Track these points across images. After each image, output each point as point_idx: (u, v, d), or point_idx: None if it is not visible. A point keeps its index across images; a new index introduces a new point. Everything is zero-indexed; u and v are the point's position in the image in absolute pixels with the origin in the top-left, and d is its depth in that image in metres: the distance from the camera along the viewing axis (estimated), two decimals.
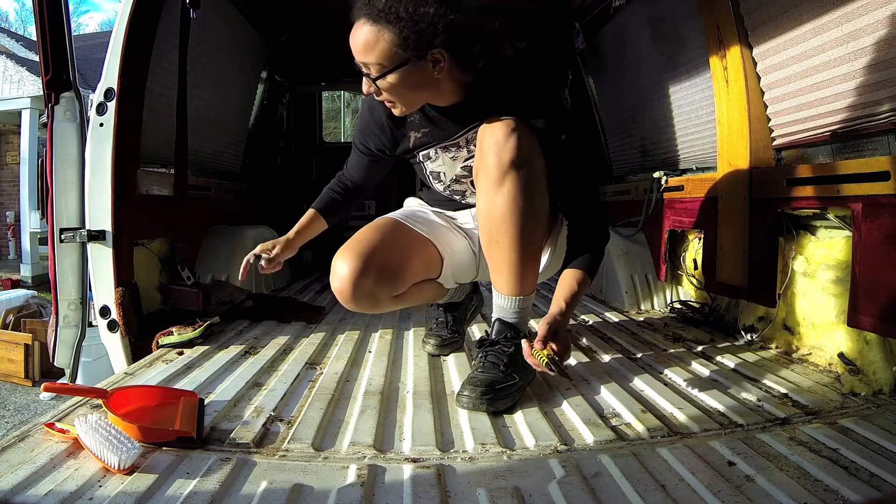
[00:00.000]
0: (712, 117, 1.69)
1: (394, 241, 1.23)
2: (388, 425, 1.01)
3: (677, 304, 1.86)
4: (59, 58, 1.46)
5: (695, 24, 1.69)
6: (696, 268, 1.86)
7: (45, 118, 1.80)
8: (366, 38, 0.99)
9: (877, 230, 1.13)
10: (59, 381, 1.75)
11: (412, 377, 1.26)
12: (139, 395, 1.05)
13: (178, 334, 1.45)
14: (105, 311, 1.49)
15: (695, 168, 1.95)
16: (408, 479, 0.81)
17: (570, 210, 1.19)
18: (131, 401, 1.02)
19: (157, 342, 1.45)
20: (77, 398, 1.06)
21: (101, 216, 1.48)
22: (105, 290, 1.49)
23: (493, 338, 1.14)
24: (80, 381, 1.89)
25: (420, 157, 1.25)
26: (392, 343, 1.53)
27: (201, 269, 1.97)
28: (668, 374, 1.25)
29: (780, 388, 1.14)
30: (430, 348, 1.42)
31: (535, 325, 1.23)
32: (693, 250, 1.89)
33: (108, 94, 1.47)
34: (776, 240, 1.45)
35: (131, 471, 0.80)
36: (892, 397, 1.08)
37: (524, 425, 0.99)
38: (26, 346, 3.44)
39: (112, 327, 1.49)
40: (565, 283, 1.12)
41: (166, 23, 1.64)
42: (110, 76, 1.47)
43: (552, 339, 1.02)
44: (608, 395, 1.12)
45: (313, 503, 0.76)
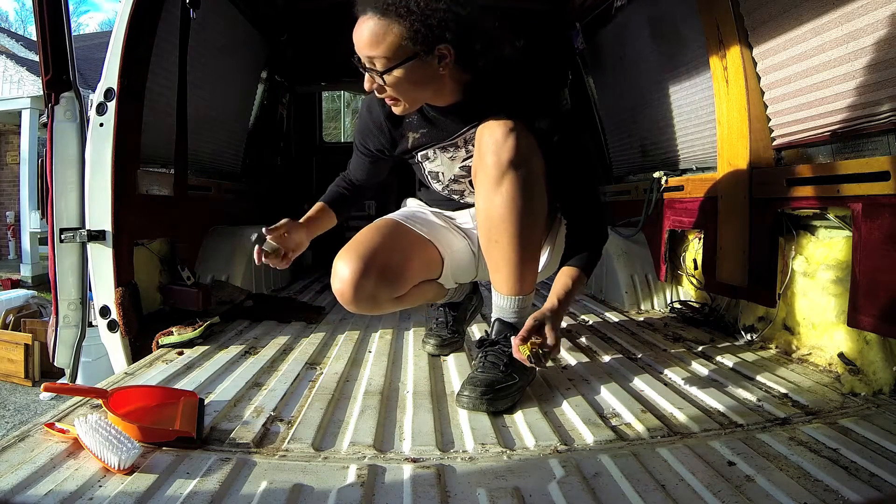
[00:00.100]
0: (712, 117, 1.69)
1: (394, 242, 1.23)
2: (388, 425, 1.01)
3: (677, 304, 1.86)
4: (59, 58, 1.46)
5: (695, 24, 1.69)
6: (696, 268, 1.86)
7: (45, 118, 1.80)
8: (374, 32, 0.98)
9: (877, 230, 1.13)
10: (59, 381, 1.75)
11: (412, 377, 1.26)
12: (139, 395, 1.05)
13: (178, 334, 1.45)
14: (105, 311, 1.49)
15: (695, 168, 1.95)
16: (408, 479, 0.81)
17: (568, 209, 1.19)
18: (131, 401, 1.02)
19: (157, 342, 1.45)
20: (77, 398, 1.06)
21: (101, 216, 1.49)
22: (105, 290, 1.49)
23: (493, 338, 1.14)
24: (80, 381, 1.89)
25: (419, 158, 1.24)
26: (392, 343, 1.53)
27: (201, 269, 1.97)
28: (668, 374, 1.25)
29: (780, 388, 1.14)
30: (430, 348, 1.42)
31: None
32: (693, 250, 1.89)
33: (108, 94, 1.47)
34: (776, 240, 1.45)
35: (131, 471, 0.80)
36: (892, 397, 1.08)
37: (524, 425, 0.99)
38: (26, 346, 3.44)
39: (112, 327, 1.49)
40: (560, 280, 1.13)
41: (166, 23, 1.64)
42: (110, 76, 1.47)
43: (537, 334, 1.03)
44: (608, 395, 1.12)
45: (313, 503, 0.76)
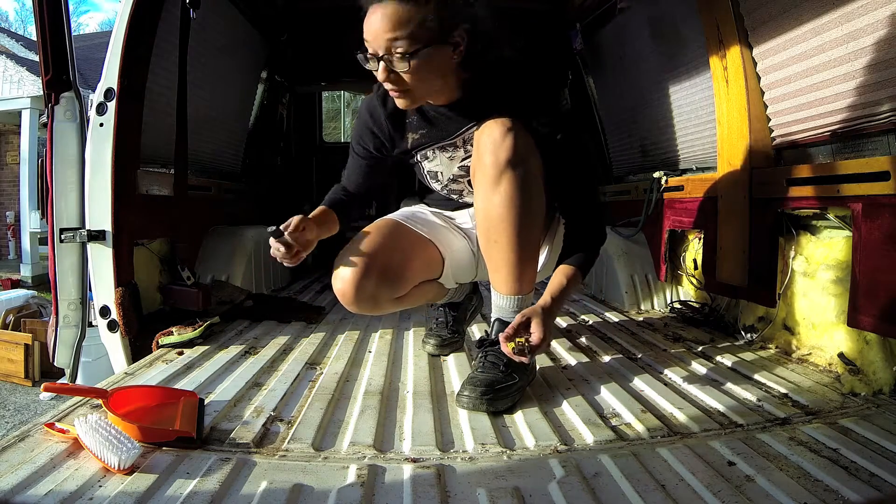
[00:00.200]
0: (712, 117, 1.69)
1: (395, 242, 1.23)
2: (388, 425, 1.01)
3: (677, 304, 1.86)
4: (59, 58, 1.46)
5: (695, 24, 1.69)
6: (696, 268, 1.86)
7: (45, 118, 1.80)
8: (399, 14, 0.97)
9: (877, 230, 1.13)
10: (59, 381, 1.75)
11: (412, 377, 1.26)
12: (139, 395, 1.05)
13: (178, 334, 1.45)
14: (105, 311, 1.49)
15: (695, 168, 1.95)
16: (408, 479, 0.81)
17: (566, 209, 1.19)
18: (131, 401, 1.02)
19: (157, 342, 1.45)
20: (77, 398, 1.06)
21: (101, 216, 1.48)
22: (105, 290, 1.49)
23: (493, 338, 1.13)
24: (80, 381, 1.89)
25: (418, 157, 1.25)
26: (392, 343, 1.53)
27: (201, 269, 1.97)
28: (668, 374, 1.25)
29: (780, 388, 1.14)
30: (430, 348, 1.42)
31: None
32: (693, 250, 1.89)
33: (108, 94, 1.47)
34: (776, 240, 1.45)
35: (131, 471, 0.80)
36: (892, 397, 1.08)
37: (524, 425, 0.99)
38: (26, 346, 3.44)
39: (112, 327, 1.49)
40: (556, 278, 1.13)
41: (166, 23, 1.64)
42: (110, 76, 1.47)
43: (525, 329, 1.04)
44: (608, 395, 1.12)
45: (313, 503, 0.76)
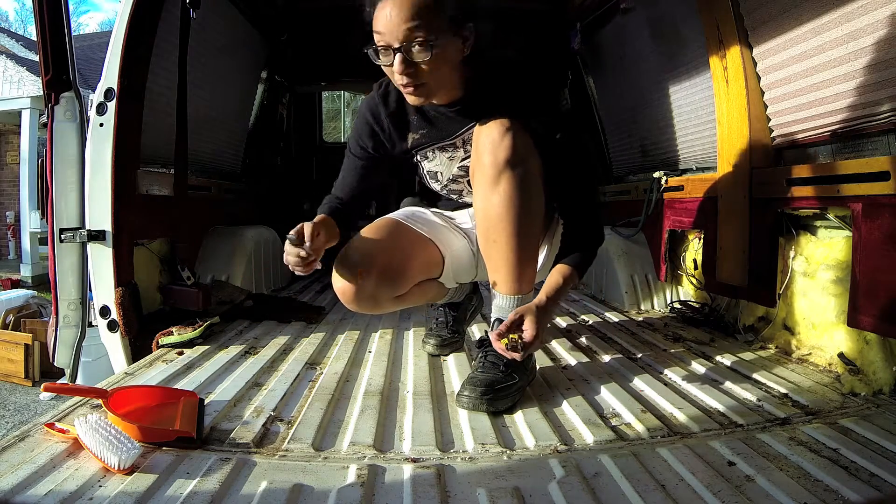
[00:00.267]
0: (712, 117, 1.69)
1: (395, 241, 1.23)
2: (388, 425, 1.01)
3: (677, 304, 1.86)
4: (59, 58, 1.46)
5: (695, 24, 1.69)
6: (696, 268, 1.86)
7: (45, 118, 1.80)
8: (417, 4, 0.97)
9: (877, 230, 1.13)
10: (59, 381, 1.75)
11: (412, 377, 1.26)
12: (139, 395, 1.05)
13: (178, 334, 1.45)
14: (105, 311, 1.49)
15: (695, 168, 1.95)
16: (408, 479, 0.81)
17: (565, 209, 1.20)
18: (131, 401, 1.02)
19: (157, 342, 1.45)
20: (77, 398, 1.06)
21: (101, 216, 1.48)
22: (105, 290, 1.49)
23: None
24: (80, 381, 1.89)
25: (418, 157, 1.25)
26: (392, 343, 1.53)
27: (201, 269, 1.97)
28: (668, 374, 1.25)
29: (780, 388, 1.14)
30: (430, 348, 1.42)
31: None
32: (693, 250, 1.89)
33: (108, 94, 1.47)
34: (776, 240, 1.45)
35: (131, 471, 0.80)
36: (892, 397, 1.08)
37: (524, 425, 0.99)
38: (26, 346, 3.44)
39: (112, 327, 1.49)
40: (551, 277, 1.13)
41: (166, 23, 1.64)
42: (110, 76, 1.47)
43: (518, 327, 1.04)
44: (608, 395, 1.12)
45: (313, 503, 0.76)
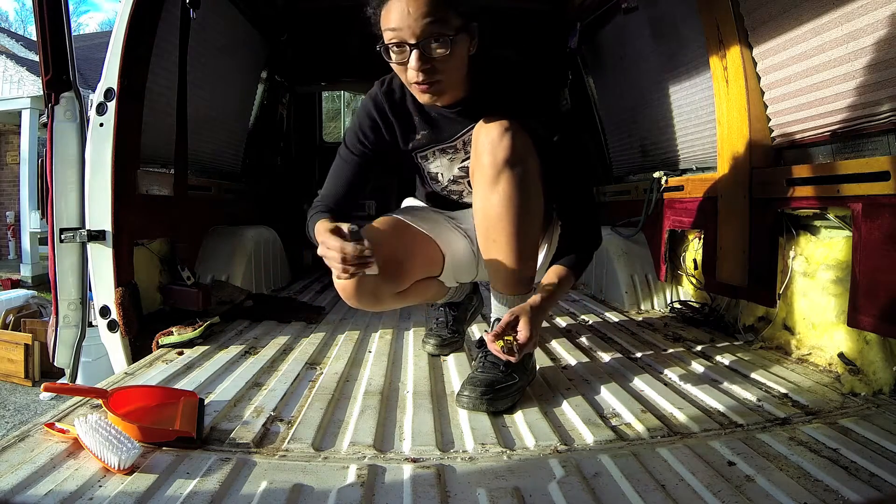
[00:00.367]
0: (712, 117, 1.69)
1: (396, 238, 1.23)
2: (388, 425, 1.01)
3: (677, 304, 1.86)
4: (59, 58, 1.46)
5: (695, 24, 1.69)
6: (696, 268, 1.86)
7: (45, 118, 1.80)
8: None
9: (877, 230, 1.13)
10: (59, 381, 1.75)
11: (412, 377, 1.26)
12: (139, 395, 1.05)
13: (178, 334, 1.45)
14: (105, 311, 1.49)
15: (695, 168, 1.95)
16: (408, 479, 0.81)
17: (563, 211, 1.20)
18: (131, 401, 1.02)
19: (157, 342, 1.45)
20: (77, 398, 1.06)
21: (101, 216, 1.48)
22: (105, 290, 1.49)
23: None
24: (80, 381, 1.89)
25: (418, 159, 1.25)
26: (392, 343, 1.53)
27: (201, 269, 1.97)
28: (668, 374, 1.25)
29: (780, 388, 1.14)
30: (430, 348, 1.42)
31: None
32: (693, 250, 1.89)
33: (108, 94, 1.47)
34: (776, 240, 1.45)
35: (131, 471, 0.80)
36: (892, 397, 1.08)
37: (524, 425, 0.99)
38: (26, 346, 3.45)
39: (112, 327, 1.49)
40: (547, 278, 1.14)
41: (166, 23, 1.64)
42: (110, 76, 1.47)
43: (513, 328, 1.03)
44: (608, 395, 1.12)
45: (313, 503, 0.76)
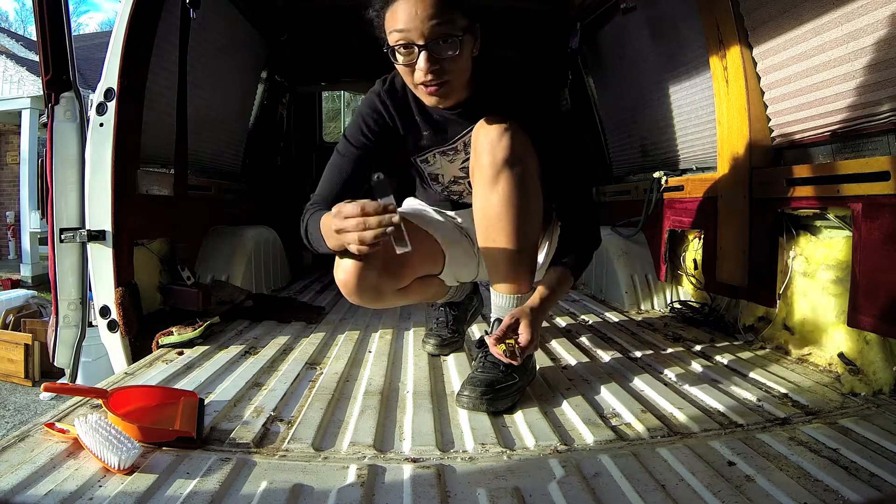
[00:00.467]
0: (712, 117, 1.69)
1: None
2: (388, 425, 1.01)
3: (677, 304, 1.86)
4: (59, 58, 1.46)
5: (695, 24, 1.69)
6: (696, 268, 1.86)
7: (45, 118, 1.80)
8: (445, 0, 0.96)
9: (877, 230, 1.13)
10: (59, 381, 1.75)
11: (412, 377, 1.26)
12: (139, 395, 1.05)
13: (178, 334, 1.45)
14: (105, 311, 1.49)
15: (695, 168, 1.95)
16: (408, 479, 0.81)
17: (563, 211, 1.20)
18: (131, 401, 1.02)
19: (157, 342, 1.45)
20: (77, 398, 1.06)
21: (101, 216, 1.48)
22: (105, 290, 1.49)
23: None
24: (80, 381, 1.89)
25: (419, 163, 1.25)
26: (392, 343, 1.53)
27: (201, 269, 1.97)
28: (668, 374, 1.25)
29: (780, 388, 1.14)
30: (430, 348, 1.42)
31: None
32: (693, 250, 1.89)
33: (108, 94, 1.47)
34: (776, 240, 1.45)
35: (131, 471, 0.80)
36: (892, 397, 1.08)
37: (524, 425, 0.99)
38: (26, 346, 3.44)
39: (112, 327, 1.49)
40: (547, 278, 1.14)
41: (166, 23, 1.64)
42: (110, 76, 1.47)
43: (513, 331, 1.04)
44: (608, 395, 1.12)
45: (313, 503, 0.76)
